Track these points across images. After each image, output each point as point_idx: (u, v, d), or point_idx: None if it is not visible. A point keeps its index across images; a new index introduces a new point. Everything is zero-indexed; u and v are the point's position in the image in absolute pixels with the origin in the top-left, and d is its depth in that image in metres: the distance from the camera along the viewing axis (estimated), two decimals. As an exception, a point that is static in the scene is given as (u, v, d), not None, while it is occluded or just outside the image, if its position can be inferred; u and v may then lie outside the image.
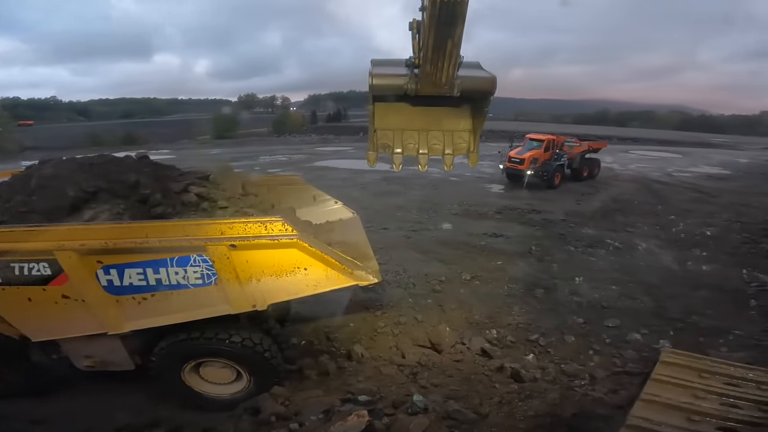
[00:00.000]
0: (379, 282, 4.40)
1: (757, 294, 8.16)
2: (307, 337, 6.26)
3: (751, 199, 15.77)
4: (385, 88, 6.73)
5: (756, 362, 5.70)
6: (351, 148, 33.75)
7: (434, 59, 5.53)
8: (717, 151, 39.59)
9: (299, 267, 3.96)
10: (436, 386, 5.08)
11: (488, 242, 10.91)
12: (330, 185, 17.16)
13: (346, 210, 6.54)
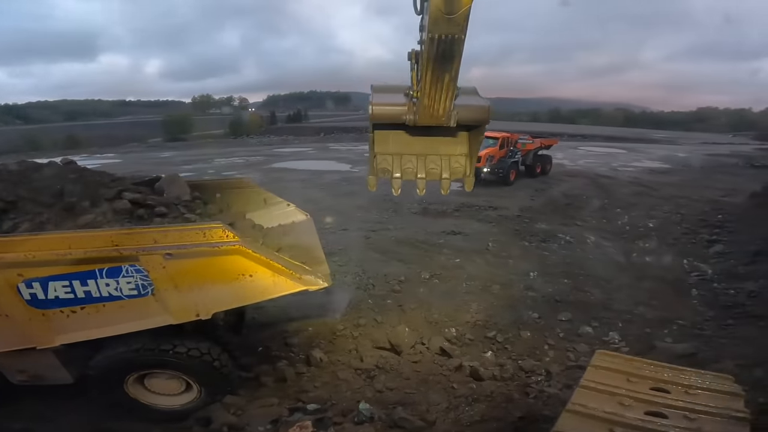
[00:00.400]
0: (330, 286, 4.26)
1: (697, 283, 8.68)
2: (264, 343, 6.09)
3: (689, 192, 16.84)
4: (385, 118, 6.91)
5: (699, 353, 6.09)
6: (311, 148, 33.33)
7: (432, 93, 5.71)
8: (658, 146, 42.25)
9: (244, 274, 3.83)
10: (392, 390, 5.01)
11: (447, 240, 11.00)
12: (289, 187, 16.82)
13: (300, 212, 6.36)
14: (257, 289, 3.93)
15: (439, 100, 5.64)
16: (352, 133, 52.77)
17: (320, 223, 11.91)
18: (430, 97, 5.62)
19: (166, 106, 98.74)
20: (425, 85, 5.49)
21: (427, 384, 5.30)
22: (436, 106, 5.72)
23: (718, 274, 8.87)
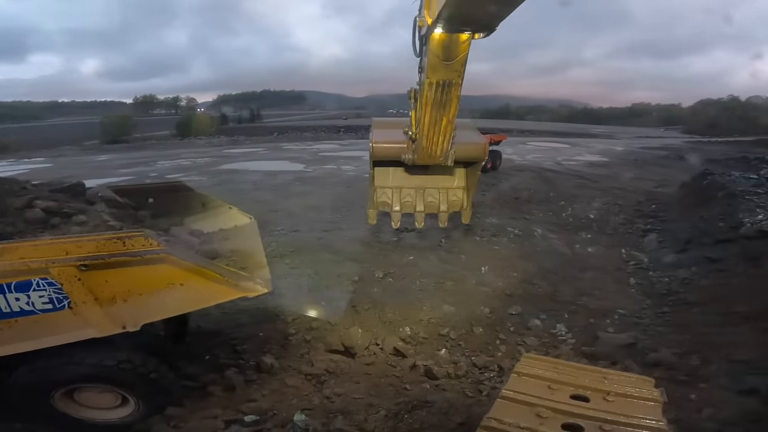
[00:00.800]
0: (269, 292, 4.09)
1: (634, 272, 9.16)
2: (212, 351, 5.83)
3: (626, 184, 17.88)
4: (385, 156, 6.88)
5: (639, 343, 6.35)
6: (263, 149, 32.35)
7: (430, 135, 5.79)
8: (597, 141, 44.76)
9: (173, 283, 3.64)
10: (340, 396, 4.88)
11: (400, 238, 10.98)
12: (238, 189, 16.24)
13: (243, 215, 6.14)
14: (190, 298, 3.76)
15: (437, 142, 5.79)
16: (308, 132, 52.00)
17: (272, 225, 11.62)
18: (428, 139, 5.75)
19: (105, 107, 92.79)
20: (424, 128, 5.61)
21: (378, 388, 5.21)
22: (434, 147, 5.88)
23: (654, 263, 9.42)
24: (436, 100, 4.82)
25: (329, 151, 29.90)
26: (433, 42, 4.31)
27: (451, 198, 7.42)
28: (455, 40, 4.21)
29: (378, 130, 6.71)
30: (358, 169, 21.26)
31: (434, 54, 4.39)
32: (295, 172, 20.09)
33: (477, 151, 6.38)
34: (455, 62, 4.46)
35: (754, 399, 3.34)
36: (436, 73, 4.59)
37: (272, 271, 8.70)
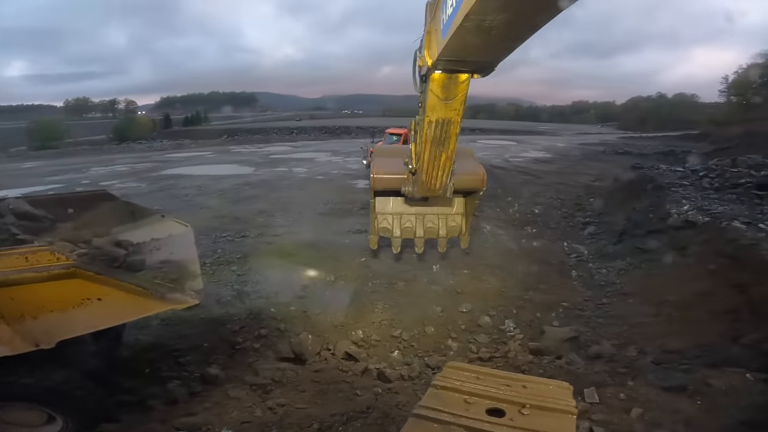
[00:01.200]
0: (199, 304, 3.87)
1: (576, 265, 9.57)
2: (153, 363, 5.53)
3: (567, 179, 18.79)
4: (385, 187, 6.76)
5: (581, 336, 6.59)
6: (210, 152, 31.02)
7: (430, 170, 5.69)
8: (542, 138, 46.91)
9: (89, 298, 3.43)
10: (283, 406, 4.71)
11: (353, 239, 10.85)
12: (180, 194, 15.42)
13: (177, 224, 5.75)
14: (110, 313, 3.57)
15: (437, 177, 5.85)
16: (258, 134, 50.47)
17: (217, 231, 11.12)
18: (428, 174, 5.80)
19: (33, 111, 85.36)
20: (423, 164, 5.66)
21: (326, 395, 5.07)
22: (434, 181, 5.95)
23: (593, 255, 9.91)
24: (435, 138, 4.93)
25: (281, 153, 29.21)
26: (433, 82, 4.40)
27: (450, 224, 7.75)
28: (454, 80, 4.31)
29: (379, 159, 6.89)
30: (311, 171, 20.91)
31: (434, 94, 4.49)
32: (244, 175, 19.40)
33: (475, 182, 6.65)
34: (454, 101, 4.57)
35: (682, 396, 3.49)
36: (436, 112, 4.69)
37: (218, 279, 8.52)
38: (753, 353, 4.70)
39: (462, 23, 2.82)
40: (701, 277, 6.86)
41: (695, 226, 8.14)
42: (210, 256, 9.59)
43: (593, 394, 3.51)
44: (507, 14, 2.60)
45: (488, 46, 3.21)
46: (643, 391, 3.54)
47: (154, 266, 4.49)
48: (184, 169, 22.15)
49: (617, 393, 3.56)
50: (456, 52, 3.51)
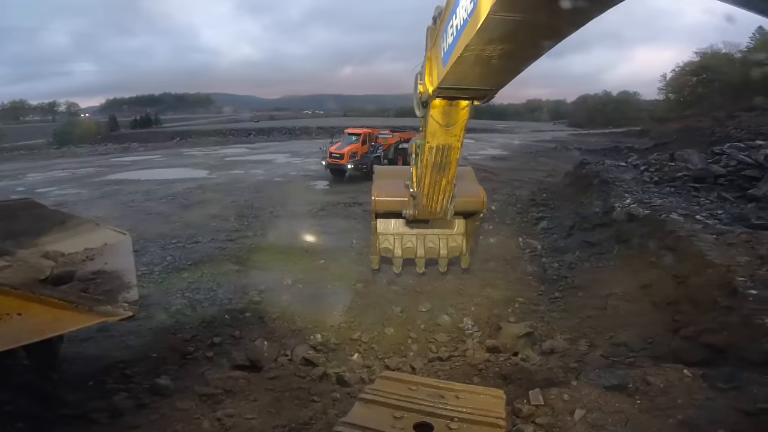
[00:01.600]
0: (134, 316, 3.64)
1: (530, 260, 9.81)
2: (97, 376, 5.25)
3: (522, 175, 19.40)
4: (386, 209, 6.64)
5: (536, 331, 6.70)
6: (160, 155, 29.59)
7: (430, 194, 5.52)
8: (499, 135, 48.30)
9: (9, 313, 3.20)
10: (232, 417, 4.52)
11: (311, 242, 10.67)
12: (126, 200, 14.59)
13: (114, 232, 5.45)
14: (34, 328, 3.29)
15: (437, 200, 5.70)
16: (214, 136, 48.73)
17: (166, 238, 10.59)
18: (428, 197, 5.75)
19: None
20: (424, 188, 5.48)
21: (280, 403, 4.93)
22: (434, 205, 5.79)
23: (546, 249, 10.21)
24: (436, 163, 4.96)
25: (237, 156, 28.33)
26: (434, 109, 4.44)
27: (451, 244, 7.75)
28: (455, 106, 4.37)
29: (380, 182, 6.90)
30: (269, 173, 20.40)
31: (434, 120, 4.52)
32: (197, 179, 18.63)
33: (475, 205, 6.76)
34: (455, 128, 4.60)
35: (623, 396, 3.55)
36: (436, 138, 4.72)
37: (168, 287, 8.12)
38: (691, 345, 4.91)
39: (462, 54, 2.82)
40: (643, 269, 7.20)
41: (637, 219, 8.53)
42: (158, 263, 9.16)
43: (538, 396, 3.53)
44: (507, 45, 2.59)
45: (489, 75, 3.23)
46: (586, 392, 3.57)
47: (86, 277, 4.24)
48: (131, 173, 21.00)
49: (561, 394, 3.59)
50: (456, 81, 3.54)
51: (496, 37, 2.48)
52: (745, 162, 11.51)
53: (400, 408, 2.80)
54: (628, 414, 3.34)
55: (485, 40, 2.54)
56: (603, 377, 3.69)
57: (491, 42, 2.56)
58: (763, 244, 6.42)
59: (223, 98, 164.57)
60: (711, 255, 6.10)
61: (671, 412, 3.31)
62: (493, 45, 2.60)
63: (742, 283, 5.24)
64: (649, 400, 3.46)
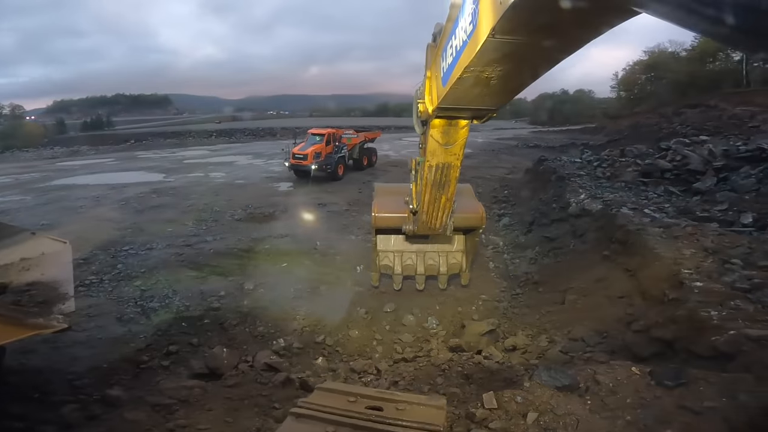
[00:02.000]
0: (70, 328, 3.43)
1: (493, 256, 9.83)
2: (43, 388, 5.04)
3: (485, 172, 19.70)
4: (386, 226, 6.59)
5: (498, 328, 6.82)
6: (112, 159, 28.14)
7: (430, 211, 5.49)
8: (466, 135, 48.82)
9: None
10: (185, 427, 4.35)
11: (273, 244, 10.42)
12: (73, 207, 13.76)
13: (52, 241, 5.14)
14: None
15: (436, 217, 5.64)
16: (171, 138, 46.85)
17: (117, 245, 10.05)
18: (428, 214, 5.58)
19: None
20: (424, 205, 5.41)
21: (238, 412, 4.77)
22: (434, 221, 5.70)
23: (507, 246, 10.41)
24: (436, 181, 4.97)
25: (197, 158, 27.33)
26: (433, 129, 4.45)
27: (451, 261, 7.67)
28: (455, 125, 4.39)
29: (380, 198, 6.86)
30: (230, 176, 19.79)
31: (434, 139, 4.53)
32: (152, 183, 17.82)
33: (475, 221, 6.76)
34: (454, 147, 4.61)
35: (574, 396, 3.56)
36: (436, 157, 4.73)
37: (118, 296, 7.73)
38: (643, 339, 5.09)
39: (462, 75, 2.81)
40: (598, 263, 7.45)
41: (590, 214, 8.84)
42: (109, 272, 8.70)
43: (492, 399, 3.52)
44: (506, 66, 2.58)
45: (488, 95, 3.23)
46: (539, 393, 3.57)
47: (20, 289, 3.99)
48: (80, 178, 19.82)
49: (515, 396, 3.61)
50: (456, 101, 3.54)
51: (496, 58, 2.48)
52: (689, 157, 12.21)
53: (334, 423, 2.65)
54: (579, 415, 3.36)
55: (484, 61, 2.54)
56: (555, 378, 3.70)
57: (491, 63, 2.56)
58: (707, 236, 6.79)
59: (183, 99, 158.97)
60: (658, 248, 6.37)
61: (620, 413, 3.36)
62: (492, 66, 2.60)
63: (688, 275, 5.46)
64: (599, 400, 3.50)
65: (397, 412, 2.68)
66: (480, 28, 2.31)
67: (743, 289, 5.02)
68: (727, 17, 0.84)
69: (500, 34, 2.15)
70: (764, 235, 7.13)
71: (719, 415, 3.17)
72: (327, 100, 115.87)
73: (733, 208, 8.66)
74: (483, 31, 2.25)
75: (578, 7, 1.81)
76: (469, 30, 2.49)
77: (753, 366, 3.75)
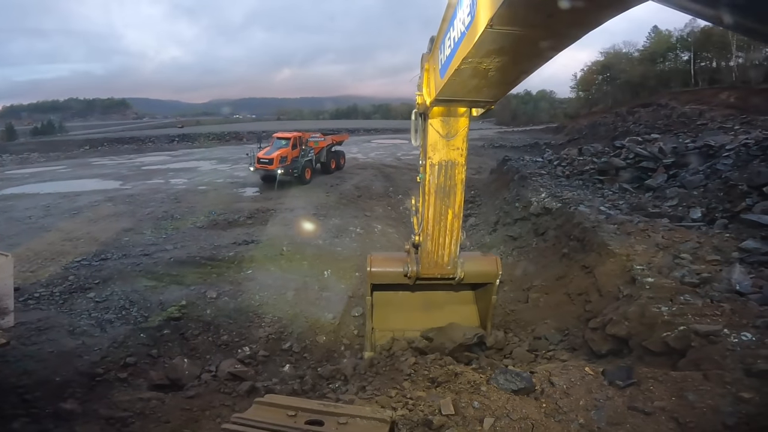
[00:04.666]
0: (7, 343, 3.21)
1: None
2: None
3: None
4: (384, 277, 5.52)
5: None
6: (64, 166, 26.68)
7: (435, 235, 4.87)
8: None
9: None
10: None
11: (238, 251, 10.14)
12: (20, 217, 12.96)
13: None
14: None
15: (444, 244, 5.00)
16: (129, 144, 45.00)
17: (68, 256, 9.53)
18: (433, 240, 4.94)
19: None
20: (428, 224, 4.85)
21: (197, 423, 4.63)
22: (441, 251, 5.02)
23: (474, 245, 10.53)
24: (440, 186, 4.60)
25: (156, 164, 26.29)
26: (433, 119, 4.32)
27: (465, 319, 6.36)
28: (454, 113, 4.29)
29: (376, 256, 5.91)
30: (192, 182, 19.15)
31: (434, 129, 4.38)
32: (107, 190, 17.00)
33: (488, 264, 5.56)
34: (456, 139, 4.44)
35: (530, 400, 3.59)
36: (438, 152, 4.52)
37: (70, 308, 7.36)
38: (599, 336, 5.20)
39: (459, 66, 2.77)
40: (558, 261, 7.65)
41: (550, 213, 9.08)
42: (59, 284, 8.29)
43: (449, 405, 3.50)
44: (504, 58, 2.55)
45: (486, 87, 3.20)
46: (495, 398, 3.56)
47: None
48: (29, 187, 18.67)
49: (472, 401, 3.59)
50: (454, 93, 3.49)
51: (494, 50, 2.46)
52: (641, 154, 12.80)
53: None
54: (534, 419, 3.39)
55: (482, 52, 2.52)
56: (511, 381, 3.67)
57: (489, 55, 2.54)
58: (658, 231, 7.10)
59: (142, 103, 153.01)
60: (612, 245, 6.58)
61: (573, 415, 3.40)
62: (490, 58, 2.58)
63: (640, 271, 5.64)
64: (553, 403, 3.53)
65: (339, 427, 2.57)
66: (478, 19, 2.31)
67: (692, 283, 5.19)
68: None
69: (498, 25, 2.15)
70: (712, 229, 7.45)
71: (669, 416, 3.24)
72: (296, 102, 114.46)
73: (683, 204, 9.10)
74: (481, 21, 2.26)
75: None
76: (467, 21, 2.49)
77: (702, 362, 3.87)
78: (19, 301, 7.33)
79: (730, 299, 4.81)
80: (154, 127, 77.43)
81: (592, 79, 50.20)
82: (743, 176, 8.74)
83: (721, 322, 4.33)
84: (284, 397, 3.20)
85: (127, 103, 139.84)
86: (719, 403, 3.23)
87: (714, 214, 8.25)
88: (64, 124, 72.70)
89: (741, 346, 3.90)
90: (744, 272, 5.32)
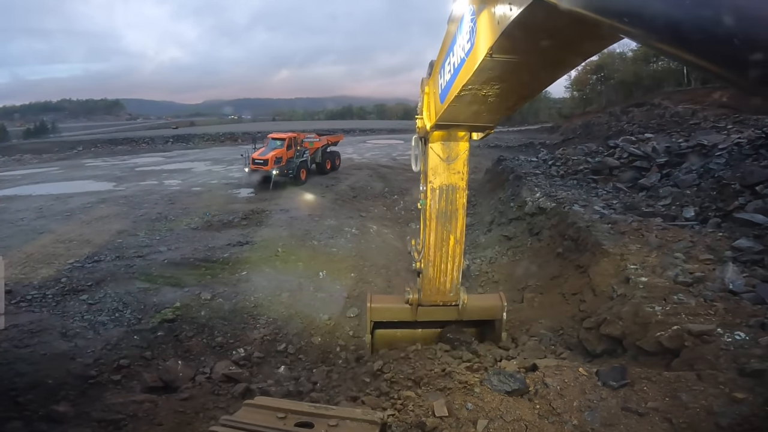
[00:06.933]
0: None
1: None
2: None
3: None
4: (385, 313, 5.48)
5: None
6: (57, 168, 26.43)
7: (437, 261, 4.81)
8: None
9: None
10: None
11: (232, 253, 10.08)
12: (12, 219, 12.82)
13: None
14: None
15: (446, 271, 4.94)
16: (123, 145, 44.66)
17: (61, 258, 9.45)
18: (435, 266, 4.89)
19: None
20: (430, 251, 4.81)
21: (190, 426, 4.61)
22: (443, 278, 4.97)
23: (468, 246, 10.49)
24: (441, 211, 4.58)
25: (150, 165, 26.09)
26: (433, 143, 4.34)
27: None
28: (454, 136, 4.33)
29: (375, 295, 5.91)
30: (186, 183, 19.02)
31: (435, 153, 4.41)
32: (100, 192, 16.84)
33: (493, 300, 5.54)
34: (457, 162, 4.46)
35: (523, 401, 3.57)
36: (438, 176, 4.54)
37: (63, 311, 7.32)
38: (593, 336, 5.23)
39: (459, 93, 2.78)
40: (552, 261, 7.66)
41: (545, 212, 9.10)
42: (51, 286, 8.21)
43: (442, 407, 3.48)
44: (503, 84, 2.56)
45: (486, 113, 3.22)
46: (489, 399, 3.55)
47: None
48: (21, 188, 18.46)
49: (466, 403, 3.57)
50: (453, 118, 3.53)
51: (494, 77, 2.47)
52: (635, 154, 12.86)
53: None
54: (528, 421, 3.37)
55: (482, 79, 2.53)
56: (504, 382, 3.64)
57: (488, 82, 2.55)
58: (651, 231, 7.12)
59: (136, 104, 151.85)
60: (606, 244, 6.60)
61: (567, 416, 3.39)
62: (489, 85, 2.60)
63: (633, 271, 5.66)
64: (546, 404, 3.52)
65: (328, 429, 2.55)
66: (478, 47, 2.31)
67: (685, 283, 5.21)
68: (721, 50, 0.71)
69: (498, 54, 2.15)
70: (705, 228, 7.49)
71: (662, 416, 3.25)
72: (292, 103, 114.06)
73: (676, 203, 9.15)
74: (481, 49, 2.25)
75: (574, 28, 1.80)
76: (467, 48, 2.49)
77: (695, 362, 3.87)
78: (11, 304, 7.29)
79: (723, 298, 4.82)
80: (148, 128, 76.90)
81: (586, 79, 50.34)
82: (736, 175, 8.79)
83: (714, 321, 4.35)
84: (274, 399, 3.17)
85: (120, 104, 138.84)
86: (713, 404, 3.23)
87: (707, 213, 8.30)
88: (57, 125, 71.96)
89: (734, 346, 3.92)
90: (737, 271, 5.34)
